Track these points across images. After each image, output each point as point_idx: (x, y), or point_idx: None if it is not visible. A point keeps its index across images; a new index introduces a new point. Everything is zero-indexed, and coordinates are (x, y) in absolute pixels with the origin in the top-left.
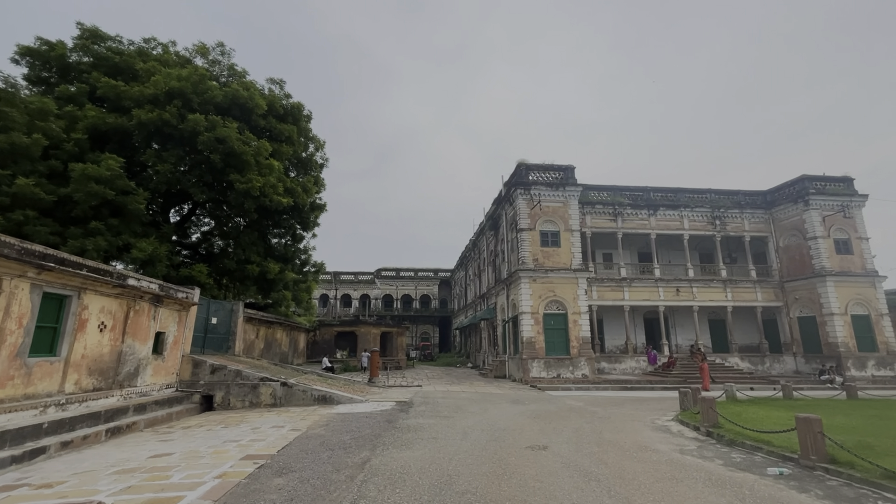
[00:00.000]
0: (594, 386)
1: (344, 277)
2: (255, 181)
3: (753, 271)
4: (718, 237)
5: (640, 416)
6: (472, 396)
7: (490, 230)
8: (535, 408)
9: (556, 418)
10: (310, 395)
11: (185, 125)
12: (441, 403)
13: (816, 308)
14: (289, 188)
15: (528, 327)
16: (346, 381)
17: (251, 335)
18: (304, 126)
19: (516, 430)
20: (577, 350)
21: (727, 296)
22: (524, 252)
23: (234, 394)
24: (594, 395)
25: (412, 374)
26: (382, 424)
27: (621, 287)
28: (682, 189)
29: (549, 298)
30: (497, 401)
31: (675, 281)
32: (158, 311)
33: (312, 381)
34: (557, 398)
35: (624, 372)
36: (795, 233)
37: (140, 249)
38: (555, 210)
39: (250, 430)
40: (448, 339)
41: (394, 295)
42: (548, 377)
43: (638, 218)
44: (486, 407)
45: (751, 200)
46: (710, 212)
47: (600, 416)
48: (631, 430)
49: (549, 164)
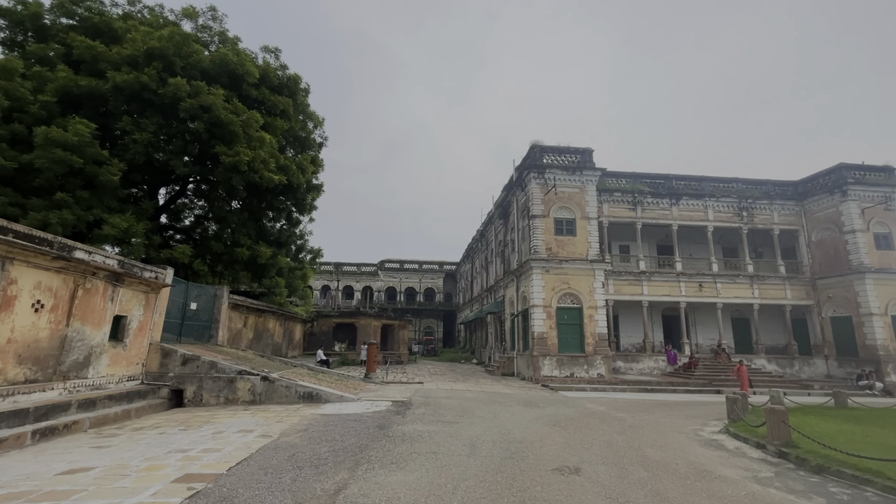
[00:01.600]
0: (611, 387)
1: (346, 268)
2: (242, 154)
3: (783, 267)
4: (745, 230)
5: (677, 425)
6: (479, 397)
7: (499, 218)
8: (551, 412)
9: (579, 426)
10: (294, 391)
11: (165, 90)
12: (444, 405)
13: (853, 307)
14: (282, 165)
15: (539, 322)
16: (339, 377)
17: (238, 324)
18: (301, 100)
19: (535, 442)
20: (593, 348)
21: (754, 293)
22: (537, 241)
23: (208, 388)
24: (614, 398)
25: (414, 369)
26: (372, 431)
27: (639, 281)
28: (706, 178)
29: (563, 291)
30: (507, 402)
31: (697, 276)
32: (118, 291)
33: (300, 375)
34: (574, 400)
35: (641, 372)
36: (830, 226)
37: (112, 225)
38: (570, 196)
39: (210, 436)
40: (452, 334)
41: (397, 287)
42: (560, 376)
43: (659, 207)
44: (496, 410)
45: (781, 191)
46: (736, 202)
47: (630, 423)
48: (675, 444)
49: (566, 147)
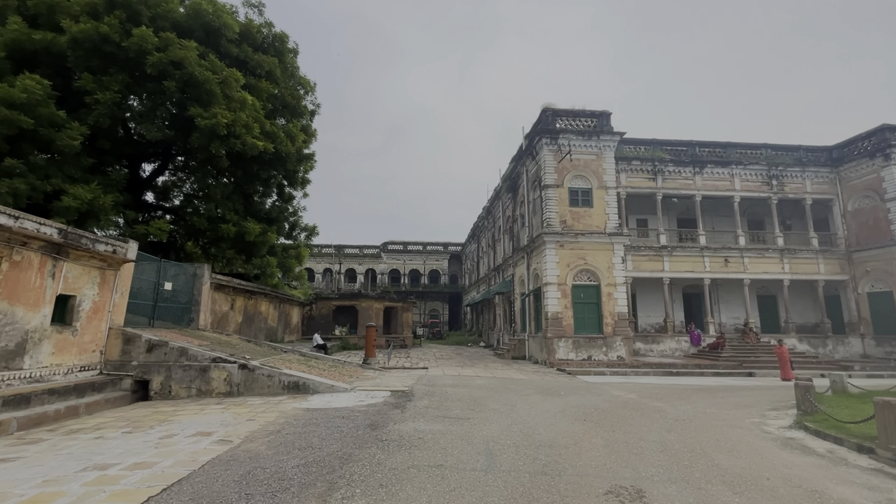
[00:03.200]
0: (632, 370)
1: (348, 251)
2: (220, 116)
3: (815, 239)
4: (774, 200)
5: (730, 417)
6: (490, 383)
7: (507, 192)
8: (576, 402)
9: (615, 421)
10: (277, 381)
11: (129, 43)
12: (451, 394)
13: (894, 282)
14: (268, 132)
15: (553, 301)
16: (333, 363)
17: (223, 306)
18: (289, 62)
19: (569, 445)
20: (612, 328)
21: (784, 267)
22: (550, 213)
23: (177, 379)
24: (640, 383)
25: (418, 353)
26: (362, 433)
27: (660, 256)
28: (733, 144)
29: (579, 267)
30: (523, 390)
31: (723, 250)
32: (60, 266)
33: (287, 362)
34: (597, 387)
35: (662, 354)
36: (870, 194)
37: (74, 196)
38: (586, 163)
39: (155, 443)
40: (458, 317)
41: (401, 270)
42: (577, 359)
43: (681, 177)
44: (512, 401)
45: (814, 157)
46: (765, 170)
47: (673, 416)
48: (746, 446)
49: (580, 110)
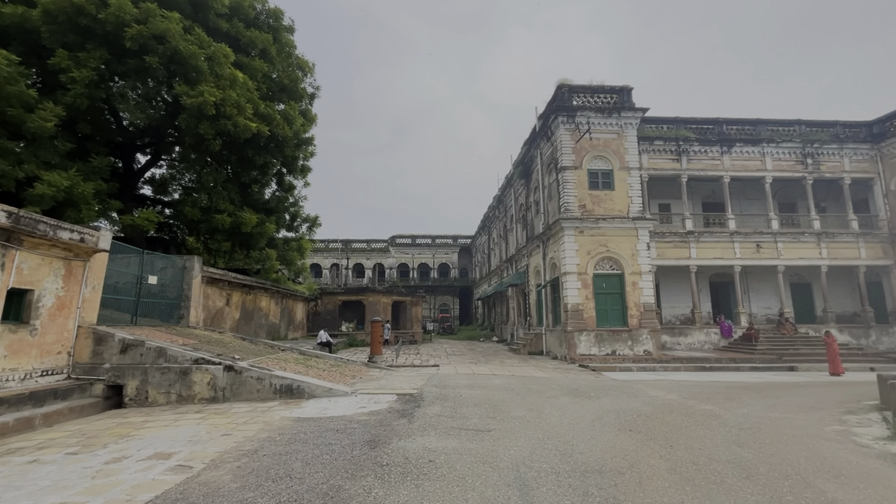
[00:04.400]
0: (661, 366)
1: (356, 246)
2: (208, 94)
3: (855, 222)
4: (810, 180)
5: (803, 423)
6: (509, 384)
7: (520, 178)
8: (612, 405)
9: (667, 431)
10: (268, 384)
11: (106, 14)
12: (466, 398)
13: None
14: (263, 114)
15: (573, 292)
16: (336, 362)
17: (217, 301)
18: (285, 40)
19: (623, 469)
20: (638, 320)
21: (821, 252)
22: (568, 196)
23: (155, 383)
24: (674, 380)
25: (428, 349)
26: (358, 453)
27: (686, 242)
28: (763, 120)
29: (601, 255)
30: (547, 391)
31: (754, 234)
32: (12, 255)
33: (283, 363)
34: (629, 385)
35: (691, 347)
36: None
37: (49, 184)
38: (606, 143)
39: (94, 471)
40: (469, 311)
41: (410, 264)
42: (600, 354)
43: (707, 157)
44: (538, 404)
45: (852, 133)
46: (800, 148)
47: (734, 424)
48: (851, 467)
49: (599, 86)
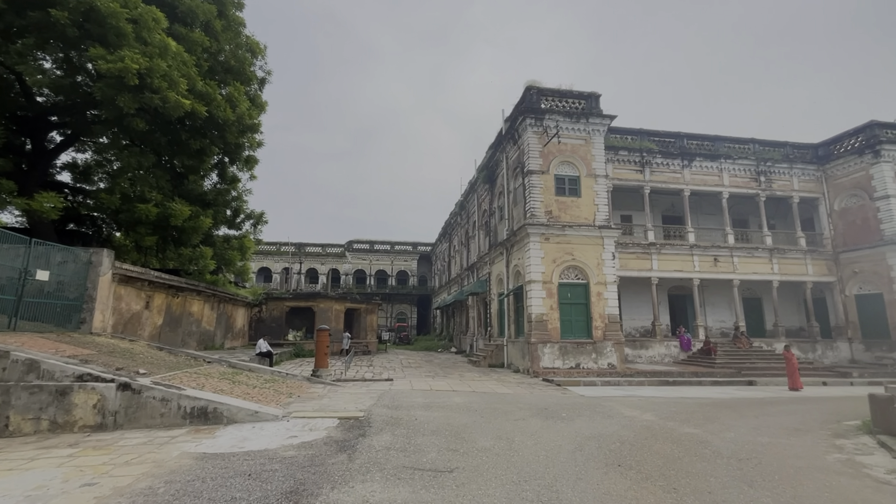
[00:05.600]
0: (625, 380)
1: (310, 250)
2: (129, 61)
3: (803, 239)
4: (763, 197)
5: (800, 450)
6: (472, 402)
7: (484, 183)
8: (589, 429)
9: (662, 466)
10: (175, 407)
11: None
12: (422, 422)
13: (884, 283)
14: (201, 92)
15: (538, 301)
16: (272, 377)
17: (134, 304)
18: (232, 16)
19: None
20: (602, 332)
21: (773, 268)
22: (534, 202)
23: (20, 406)
24: (642, 396)
25: (383, 360)
26: None
27: (648, 254)
28: (721, 137)
29: (567, 264)
30: (514, 411)
31: (712, 248)
32: None
33: (204, 378)
34: (599, 403)
35: (651, 360)
36: (858, 192)
37: None
38: (574, 149)
39: None
40: (427, 320)
41: (367, 270)
42: (563, 367)
43: (669, 170)
44: (506, 431)
45: (801, 154)
46: (754, 165)
47: (729, 453)
48: None
49: (567, 90)
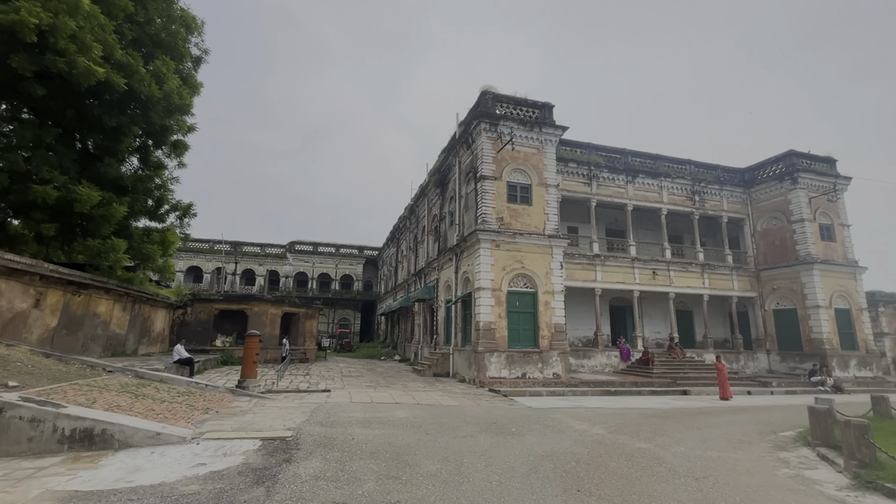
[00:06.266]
0: (570, 390)
1: (247, 249)
2: (27, 14)
3: (730, 256)
4: (697, 215)
5: (751, 466)
6: (416, 416)
7: (435, 187)
8: (540, 447)
9: (622, 488)
10: (50, 429)
11: None
12: (359, 442)
13: (798, 300)
14: (121, 62)
15: (486, 309)
16: (189, 389)
17: (19, 302)
18: None
19: None
20: (549, 341)
21: (704, 283)
22: (486, 207)
23: None
24: (588, 408)
25: (321, 369)
26: None
27: (593, 265)
28: (661, 156)
29: (516, 272)
30: (462, 426)
31: (651, 262)
32: None
33: (97, 392)
34: (547, 416)
35: (593, 370)
36: (777, 215)
37: None
38: (527, 157)
39: None
40: (371, 327)
41: (309, 273)
42: (510, 377)
43: (615, 184)
44: (454, 450)
45: (730, 177)
46: (690, 185)
47: (684, 471)
48: None
49: (522, 98)
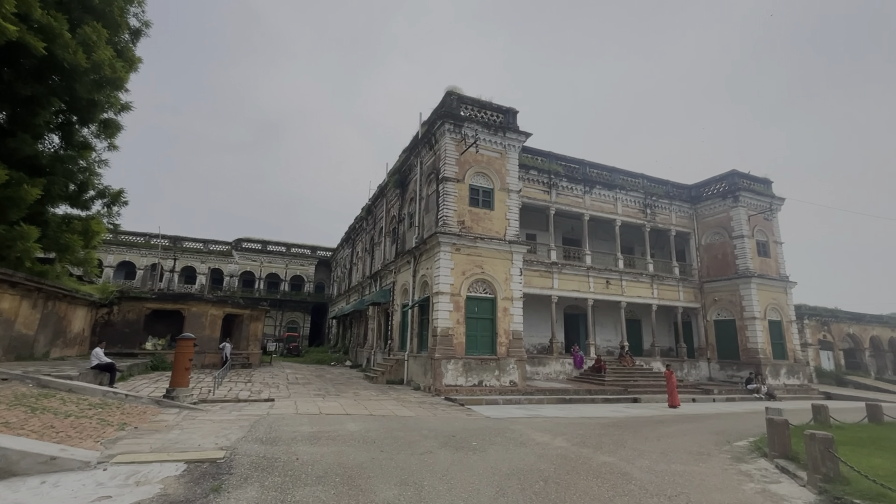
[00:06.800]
0: (526, 398)
1: (189, 245)
2: None
3: (677, 269)
4: (648, 228)
5: (717, 481)
6: (369, 429)
7: (395, 188)
8: (505, 463)
9: None
10: None
11: None
12: (305, 462)
13: (737, 311)
14: (40, 23)
15: (444, 314)
16: (103, 400)
17: None
18: None
19: None
20: (506, 348)
21: (653, 293)
22: (448, 210)
23: None
24: (547, 417)
25: (266, 375)
26: None
27: (550, 273)
28: (617, 169)
29: (476, 277)
30: (419, 441)
31: (605, 271)
32: None
33: None
34: (507, 427)
35: (548, 377)
36: (720, 231)
37: None
38: (490, 161)
39: None
40: (322, 331)
41: (256, 273)
42: (467, 385)
43: (573, 194)
44: (412, 469)
45: (678, 192)
46: (643, 198)
47: (655, 489)
48: None
49: (487, 102)
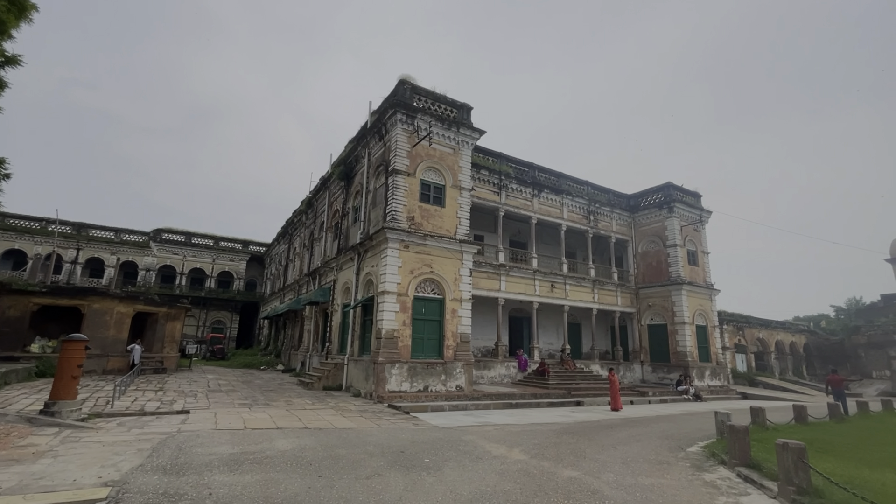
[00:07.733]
0: (472, 403)
1: (96, 234)
2: None
3: (616, 274)
4: (591, 234)
5: (684, 495)
6: (303, 446)
7: (340, 180)
8: (464, 486)
9: None
10: None
11: None
12: (219, 499)
13: (669, 316)
14: None
15: (390, 315)
16: None
17: None
18: None
19: None
20: (454, 352)
21: (594, 297)
22: (397, 205)
23: None
24: (497, 425)
25: (182, 381)
26: None
27: (498, 275)
28: (564, 175)
29: (424, 276)
30: (364, 460)
31: (551, 275)
32: None
33: None
34: (458, 439)
35: (493, 381)
36: (655, 239)
37: None
38: (443, 156)
39: None
40: (252, 332)
41: (178, 267)
42: (411, 391)
43: (522, 196)
44: (359, 498)
45: (619, 201)
46: (587, 205)
47: None
48: None
49: (442, 95)
